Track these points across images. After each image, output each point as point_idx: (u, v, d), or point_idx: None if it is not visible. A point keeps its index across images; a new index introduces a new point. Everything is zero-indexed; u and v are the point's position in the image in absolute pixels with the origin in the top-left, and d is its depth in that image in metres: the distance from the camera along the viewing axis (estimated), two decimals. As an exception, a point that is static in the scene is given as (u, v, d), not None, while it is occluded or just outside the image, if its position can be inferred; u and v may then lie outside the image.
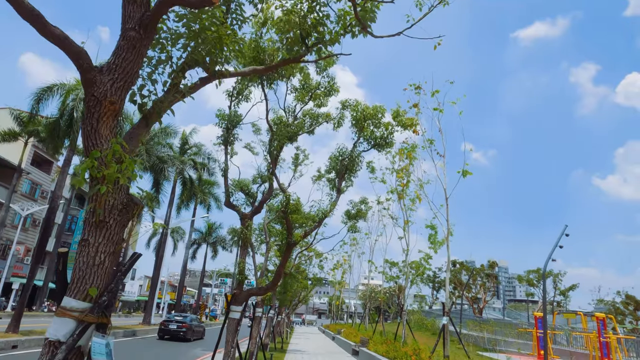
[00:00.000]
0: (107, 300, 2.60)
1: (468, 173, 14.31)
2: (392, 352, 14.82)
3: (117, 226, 2.71)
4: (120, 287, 2.54)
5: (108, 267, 2.66)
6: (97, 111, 2.69)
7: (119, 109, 2.81)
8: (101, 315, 2.59)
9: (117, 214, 2.69)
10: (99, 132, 2.68)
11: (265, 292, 8.97)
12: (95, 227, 2.63)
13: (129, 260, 2.86)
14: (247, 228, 9.27)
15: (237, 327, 8.88)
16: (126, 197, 2.73)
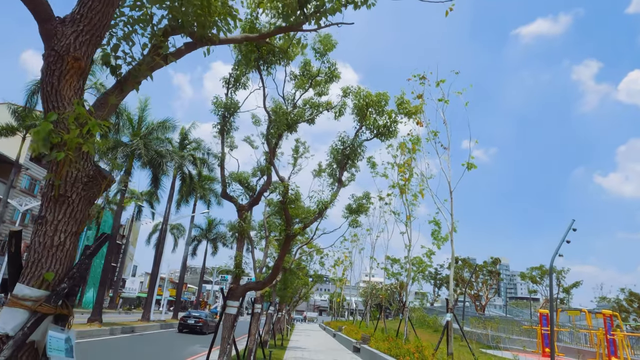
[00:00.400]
0: (69, 288, 2.21)
1: (473, 166, 13.92)
2: (394, 349, 14.46)
3: (82, 202, 2.32)
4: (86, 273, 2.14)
5: (69, 250, 2.28)
6: (59, 68, 2.30)
7: (85, 67, 2.42)
8: (61, 306, 2.21)
9: (82, 187, 2.30)
10: (60, 92, 2.29)
11: (263, 286, 8.59)
12: (54, 203, 2.25)
13: (96, 241, 2.48)
14: (244, 220, 8.89)
15: (233, 323, 8.51)
16: (92, 168, 2.35)
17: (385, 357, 13.91)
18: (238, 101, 9.58)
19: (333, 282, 51.95)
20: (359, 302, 65.66)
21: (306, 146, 17.28)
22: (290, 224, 7.80)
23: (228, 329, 8.44)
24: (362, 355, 18.27)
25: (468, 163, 13.87)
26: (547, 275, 38.07)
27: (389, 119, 9.31)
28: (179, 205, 37.16)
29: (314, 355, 18.44)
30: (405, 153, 19.61)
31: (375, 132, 9.58)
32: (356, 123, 9.70)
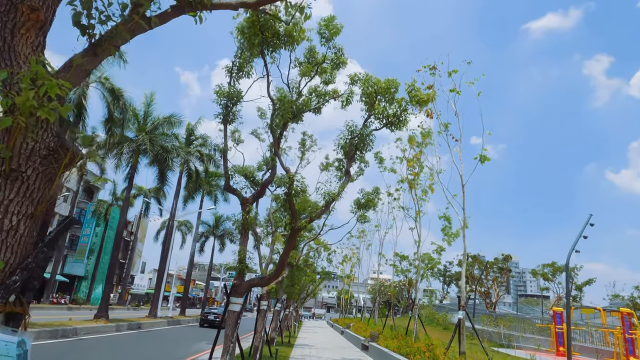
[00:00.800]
0: (22, 281, 1.85)
1: (486, 159, 13.41)
2: (404, 347, 14.05)
3: (39, 179, 1.95)
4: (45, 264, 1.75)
5: (24, 235, 1.91)
6: (12, 20, 1.93)
7: (46, 21, 2.05)
8: (13, 302, 1.84)
9: (40, 162, 1.93)
10: (14, 49, 1.93)
11: (268, 282, 8.23)
12: (4, 180, 1.88)
13: (58, 225, 2.12)
14: (248, 213, 8.52)
15: (237, 320, 8.15)
16: (53, 140, 1.97)
17: (395, 355, 13.51)
18: (241, 90, 9.20)
19: (341, 279, 51.60)
20: (367, 300, 65.28)
21: (313, 139, 16.88)
22: (296, 217, 7.41)
23: (231, 326, 8.09)
24: (370, 353, 17.90)
25: (481, 156, 13.37)
26: (559, 273, 37.33)
27: (399, 107, 8.86)
28: (186, 202, 37.02)
29: (322, 353, 18.10)
30: (414, 147, 19.12)
31: (385, 122, 9.14)
32: (364, 113, 9.27)
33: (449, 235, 19.09)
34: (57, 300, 44.97)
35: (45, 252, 1.92)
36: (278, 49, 7.71)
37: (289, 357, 15.53)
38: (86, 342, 16.03)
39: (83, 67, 2.28)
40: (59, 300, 45.15)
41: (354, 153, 8.63)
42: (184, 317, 35.80)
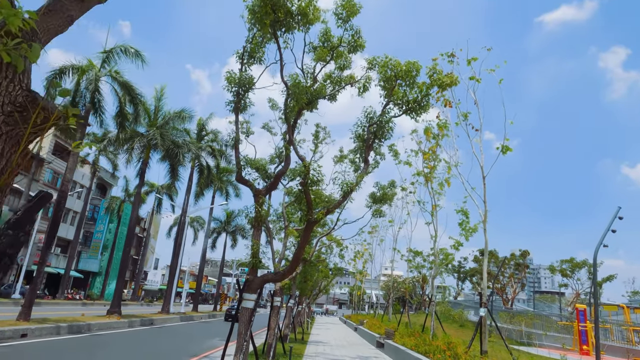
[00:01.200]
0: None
1: (508, 149, 12.80)
2: (422, 346, 13.56)
3: (5, 142, 1.54)
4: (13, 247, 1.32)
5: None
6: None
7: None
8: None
9: (3, 120, 1.51)
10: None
11: (282, 278, 7.82)
12: (-42, 142, 1.46)
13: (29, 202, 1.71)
14: (261, 205, 8.10)
15: (250, 317, 7.76)
16: (22, 93, 1.56)
17: (413, 354, 13.04)
18: (253, 77, 8.77)
19: (353, 275, 51.19)
20: (379, 296, 64.77)
21: (327, 131, 16.42)
22: (312, 209, 6.97)
23: (245, 324, 7.70)
24: (386, 350, 17.44)
25: (503, 146, 12.76)
26: (578, 269, 36.34)
27: (420, 92, 8.34)
28: (197, 198, 36.87)
29: (336, 350, 17.70)
30: (430, 139, 18.54)
31: (405, 108, 8.63)
32: (383, 99, 8.77)
33: (467, 230, 18.51)
34: (71, 296, 45.35)
35: (11, 234, 1.51)
36: (291, 30, 7.25)
37: (303, 354, 15.15)
38: (99, 338, 15.87)
39: (66, 11, 1.86)
40: (73, 296, 45.54)
41: (372, 141, 8.13)
42: (197, 313, 35.75)
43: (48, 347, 12.50)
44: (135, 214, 24.23)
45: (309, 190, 6.92)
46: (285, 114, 7.85)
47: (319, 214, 7.10)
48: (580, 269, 36.43)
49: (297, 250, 7.36)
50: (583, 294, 36.57)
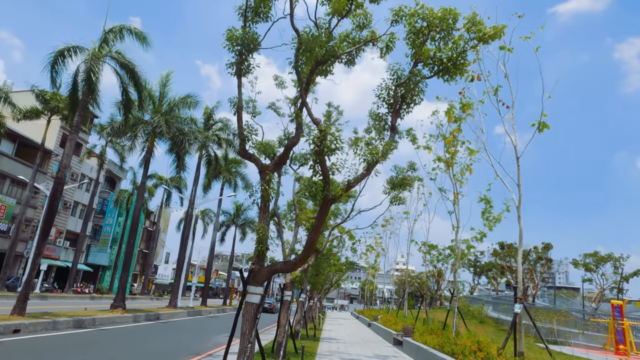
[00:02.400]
0: None
1: (545, 126, 11.39)
2: (447, 345, 12.28)
3: None
4: None
5: None
6: None
7: None
8: None
9: None
10: None
11: (293, 267, 6.61)
12: None
13: None
14: (267, 183, 6.89)
15: (256, 314, 6.57)
16: None
17: (438, 354, 11.77)
18: (258, 35, 7.51)
19: (365, 269, 50.01)
20: (391, 290, 63.49)
21: (340, 110, 15.15)
22: (329, 182, 5.73)
23: (249, 322, 6.51)
24: (405, 349, 16.20)
25: (539, 122, 11.34)
26: (603, 263, 34.61)
27: (455, 50, 7.01)
28: (205, 190, 35.90)
29: (351, 348, 16.52)
30: (452, 121, 17.13)
31: (437, 69, 7.31)
32: (410, 59, 7.46)
33: (489, 220, 17.16)
34: (81, 289, 44.96)
35: None
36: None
37: (315, 353, 13.99)
38: (97, 334, 14.91)
39: None
40: (82, 290, 45.14)
41: (399, 105, 6.83)
42: (206, 307, 34.90)
43: (38, 344, 11.50)
44: (140, 204, 23.25)
45: (325, 160, 5.67)
46: (296, 69, 6.58)
47: (338, 190, 5.86)
48: (605, 263, 34.67)
49: (311, 234, 6.14)
50: (608, 290, 34.83)
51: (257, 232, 6.86)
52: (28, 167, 37.20)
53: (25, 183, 34.57)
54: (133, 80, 17.76)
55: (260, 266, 6.73)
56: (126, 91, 17.83)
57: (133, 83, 17.64)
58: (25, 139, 37.71)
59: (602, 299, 35.79)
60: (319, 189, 5.82)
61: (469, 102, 14.08)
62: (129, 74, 17.75)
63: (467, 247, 19.35)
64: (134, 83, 17.61)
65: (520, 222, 11.61)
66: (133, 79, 17.69)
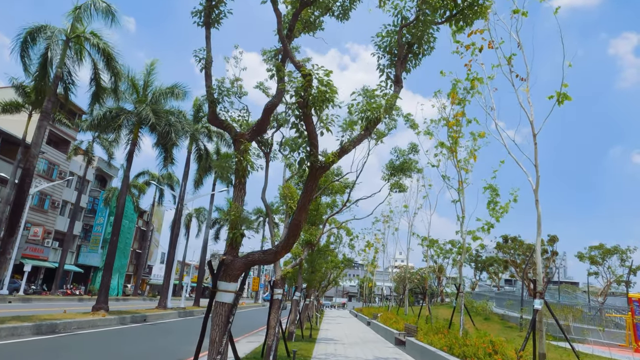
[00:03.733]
0: None
1: (567, 98, 10.06)
2: (456, 346, 10.98)
3: None
4: None
5: None
6: None
7: None
8: None
9: None
10: None
11: (275, 257, 5.27)
12: None
13: None
14: (243, 153, 5.55)
15: (228, 317, 5.23)
16: None
17: (445, 356, 10.49)
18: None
19: (365, 265, 48.78)
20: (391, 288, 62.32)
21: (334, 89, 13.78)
22: (316, 145, 4.42)
23: (220, 326, 5.17)
24: (408, 350, 14.91)
25: (559, 93, 10.02)
26: (609, 256, 33.43)
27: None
28: (197, 186, 34.51)
29: (349, 349, 15.21)
30: (456, 102, 15.81)
31: (449, 15, 5.96)
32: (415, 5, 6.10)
33: (496, 210, 15.87)
34: (71, 291, 43.48)
35: None
36: None
37: (310, 357, 12.66)
38: (68, 339, 13.53)
39: None
40: (73, 291, 43.66)
41: (405, 53, 5.48)
42: (198, 307, 33.52)
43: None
44: (123, 199, 21.84)
45: (311, 115, 4.33)
46: (275, 10, 5.20)
47: (329, 156, 4.53)
48: (612, 256, 33.50)
49: (296, 213, 4.81)
50: (615, 283, 33.67)
51: (231, 214, 5.51)
52: (10, 164, 35.62)
53: (7, 180, 33.01)
54: (107, 63, 16.32)
55: (233, 257, 5.39)
56: (97, 75, 16.41)
57: (107, 66, 16.20)
58: (6, 134, 36.16)
59: (607, 292, 34.68)
60: (306, 154, 4.47)
61: (476, 77, 12.72)
62: (102, 56, 16.32)
63: (472, 239, 18.04)
64: (109, 66, 16.17)
65: (538, 206, 10.31)
66: (107, 61, 16.26)
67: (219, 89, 5.95)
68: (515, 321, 23.52)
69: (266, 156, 12.19)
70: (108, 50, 16.46)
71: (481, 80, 12.60)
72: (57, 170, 45.31)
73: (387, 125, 13.48)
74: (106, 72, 16.81)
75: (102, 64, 16.69)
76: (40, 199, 43.39)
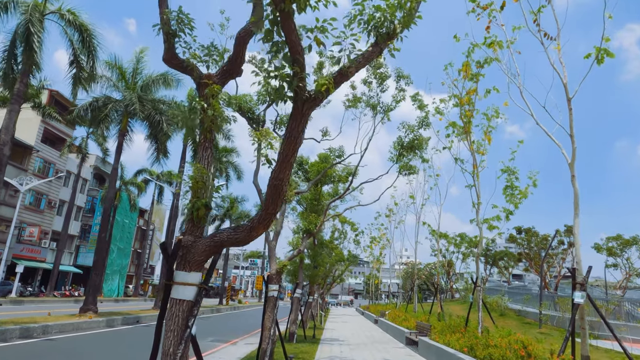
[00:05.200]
0: None
1: (609, 54, 8.52)
2: (480, 348, 9.50)
3: None
4: None
5: None
6: None
7: None
8: None
9: None
10: None
11: (249, 235, 3.80)
12: None
13: None
14: (207, 99, 4.12)
15: (187, 320, 3.79)
16: None
17: (467, 359, 9.02)
18: None
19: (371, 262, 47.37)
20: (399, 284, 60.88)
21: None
22: (302, 61, 2.96)
23: (176, 333, 3.74)
24: (422, 351, 13.43)
25: (598, 49, 8.48)
26: (628, 247, 31.75)
27: None
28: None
29: (356, 351, 13.77)
30: (469, 77, 14.30)
31: None
32: None
33: (514, 196, 14.41)
34: (70, 292, 42.33)
35: None
36: None
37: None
38: (46, 344, 12.18)
39: None
40: (72, 293, 42.49)
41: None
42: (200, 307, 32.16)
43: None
44: (112, 193, 20.52)
45: (292, 19, 2.85)
46: None
47: (321, 81, 3.07)
48: (631, 247, 31.79)
49: (276, 167, 3.37)
50: (635, 275, 31.97)
51: (193, 180, 4.07)
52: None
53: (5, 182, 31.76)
54: (81, 39, 14.91)
55: (195, 237, 3.94)
56: (76, 56, 15.00)
57: (85, 47, 14.80)
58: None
59: (626, 285, 33.01)
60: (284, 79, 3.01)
61: (496, 40, 11.17)
62: (80, 34, 14.92)
63: (488, 228, 16.52)
64: (87, 47, 14.77)
65: (575, 183, 8.79)
66: (86, 42, 14.86)
67: (178, 18, 4.48)
68: (532, 317, 21.98)
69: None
70: (85, 26, 15.05)
71: (501, 45, 11.06)
72: (53, 169, 44.14)
73: (394, 98, 12.02)
74: (85, 54, 15.40)
75: (80, 44, 15.29)
76: (36, 198, 42.23)
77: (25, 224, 40.01)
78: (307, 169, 16.84)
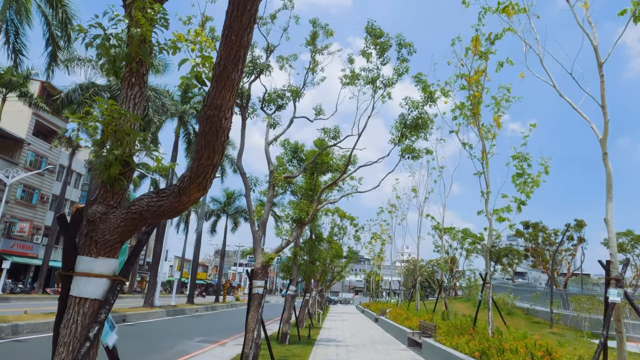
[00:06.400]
0: None
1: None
2: (494, 353, 8.27)
3: None
4: None
5: None
6: None
7: None
8: None
9: None
10: None
11: (179, 202, 2.59)
12: None
13: None
14: (132, 18, 2.85)
15: (89, 328, 2.51)
16: None
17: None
18: None
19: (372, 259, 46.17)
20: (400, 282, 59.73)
21: (328, 30, 11.03)
22: None
23: (70, 345, 2.48)
24: (426, 354, 12.21)
25: (636, 3, 7.21)
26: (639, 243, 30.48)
27: None
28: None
29: (353, 353, 12.57)
30: (478, 52, 13.04)
31: None
32: None
33: (526, 184, 13.15)
34: (62, 290, 41.23)
35: None
36: None
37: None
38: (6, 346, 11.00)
39: None
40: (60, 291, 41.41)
41: None
42: (191, 305, 31.05)
43: None
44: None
45: None
46: None
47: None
48: (638, 243, 30.51)
49: (214, 80, 2.18)
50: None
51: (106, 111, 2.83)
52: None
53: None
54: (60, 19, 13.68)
55: (107, 207, 2.69)
56: (52, 33, 13.76)
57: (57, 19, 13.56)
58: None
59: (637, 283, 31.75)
60: None
61: (512, 3, 9.86)
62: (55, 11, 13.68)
63: (498, 220, 15.27)
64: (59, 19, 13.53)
65: (607, 162, 7.56)
66: (59, 15, 13.61)
67: None
68: (541, 316, 20.78)
69: (242, 111, 9.50)
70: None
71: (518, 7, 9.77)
72: (45, 162, 42.98)
73: (396, 70, 10.77)
74: (60, 29, 14.16)
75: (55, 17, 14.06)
76: (27, 192, 41.11)
77: (16, 219, 38.91)
78: (302, 157, 15.62)
